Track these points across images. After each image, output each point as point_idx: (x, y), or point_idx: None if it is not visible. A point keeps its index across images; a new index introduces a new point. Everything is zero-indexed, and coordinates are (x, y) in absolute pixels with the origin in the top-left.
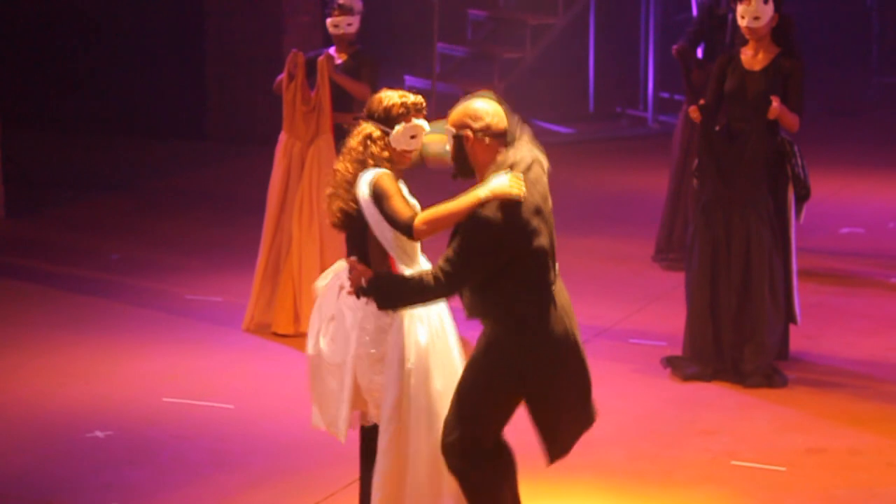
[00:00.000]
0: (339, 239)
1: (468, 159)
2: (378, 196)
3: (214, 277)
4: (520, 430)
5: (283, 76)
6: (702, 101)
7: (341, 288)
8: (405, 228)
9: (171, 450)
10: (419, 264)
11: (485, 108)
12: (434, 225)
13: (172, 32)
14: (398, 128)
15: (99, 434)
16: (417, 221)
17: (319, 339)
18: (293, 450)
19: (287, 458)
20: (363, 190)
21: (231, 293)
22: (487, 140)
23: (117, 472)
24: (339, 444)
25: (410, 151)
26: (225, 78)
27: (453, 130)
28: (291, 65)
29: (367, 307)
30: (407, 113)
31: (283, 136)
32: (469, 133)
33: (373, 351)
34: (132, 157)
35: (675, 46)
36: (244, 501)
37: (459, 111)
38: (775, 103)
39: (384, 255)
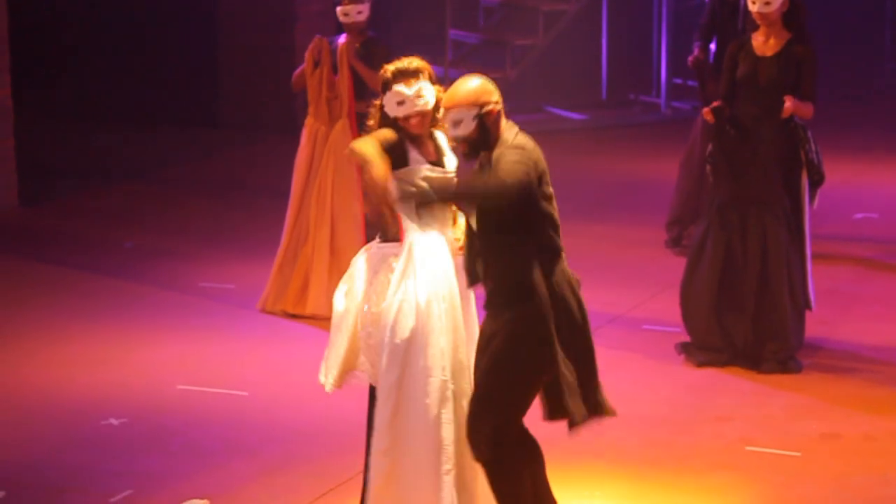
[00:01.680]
0: (351, 224)
1: (490, 133)
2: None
3: (228, 265)
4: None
5: (303, 67)
6: (715, 104)
7: (367, 249)
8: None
9: (184, 437)
10: (426, 227)
11: (488, 83)
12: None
13: (184, 20)
14: (385, 96)
15: (113, 421)
16: None
17: (340, 294)
18: (307, 437)
19: (301, 446)
20: None
21: (244, 280)
22: (501, 107)
23: (131, 459)
24: (354, 431)
25: (410, 117)
26: (237, 66)
27: (477, 108)
28: (316, 51)
29: (382, 264)
30: (392, 79)
31: (309, 121)
32: (494, 108)
33: (375, 310)
34: (144, 145)
35: (690, 57)
36: (258, 489)
37: (471, 91)
38: (788, 103)
39: (395, 215)
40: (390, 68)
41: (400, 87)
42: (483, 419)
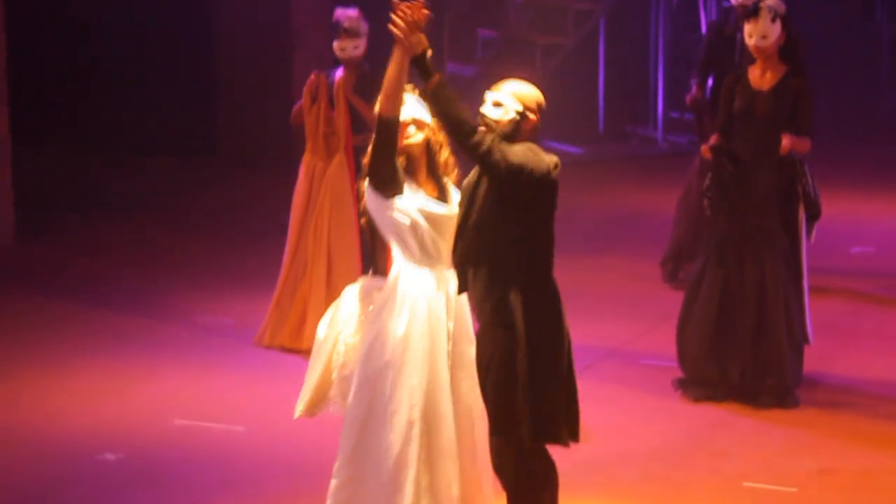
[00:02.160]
0: (349, 260)
1: (518, 137)
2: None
3: (225, 298)
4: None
5: (301, 103)
6: (713, 140)
7: (359, 281)
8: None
9: (181, 472)
10: (417, 264)
11: (543, 101)
12: (383, 93)
13: (183, 51)
14: None
15: (109, 456)
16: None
17: (323, 323)
18: (304, 472)
19: (298, 481)
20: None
21: (242, 314)
22: (537, 128)
23: (127, 495)
24: None
25: (406, 124)
26: (235, 97)
27: (521, 107)
28: (313, 86)
29: (367, 297)
30: None
31: (306, 157)
32: (533, 118)
33: (350, 341)
34: (142, 176)
35: (688, 96)
36: None
37: (530, 91)
38: (785, 141)
39: (385, 249)
40: None
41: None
42: (506, 444)
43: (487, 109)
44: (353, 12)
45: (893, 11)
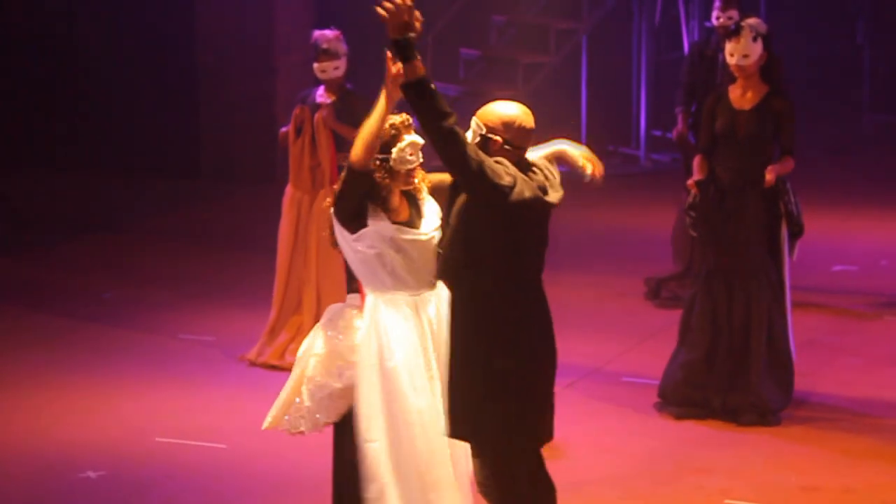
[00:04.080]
0: (337, 295)
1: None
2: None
3: (207, 317)
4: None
5: (287, 129)
6: (696, 164)
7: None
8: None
9: (163, 490)
10: (390, 291)
11: (520, 120)
12: (362, 145)
13: (166, 71)
14: (395, 150)
15: (91, 474)
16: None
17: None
18: (286, 490)
19: (280, 499)
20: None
21: (224, 332)
22: (509, 148)
23: None
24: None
25: (414, 169)
26: (219, 116)
27: (483, 129)
28: (298, 120)
29: (340, 313)
30: (398, 133)
31: (289, 190)
32: (498, 139)
33: (322, 351)
34: (126, 195)
35: (674, 131)
36: None
37: (496, 114)
38: (769, 175)
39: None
40: (395, 121)
41: (412, 136)
42: (512, 459)
43: (468, 134)
44: (331, 33)
45: (874, 36)
